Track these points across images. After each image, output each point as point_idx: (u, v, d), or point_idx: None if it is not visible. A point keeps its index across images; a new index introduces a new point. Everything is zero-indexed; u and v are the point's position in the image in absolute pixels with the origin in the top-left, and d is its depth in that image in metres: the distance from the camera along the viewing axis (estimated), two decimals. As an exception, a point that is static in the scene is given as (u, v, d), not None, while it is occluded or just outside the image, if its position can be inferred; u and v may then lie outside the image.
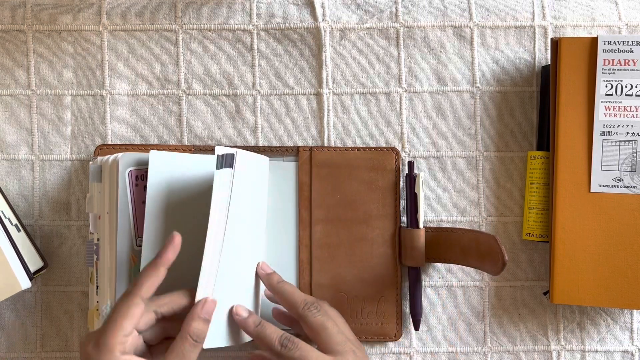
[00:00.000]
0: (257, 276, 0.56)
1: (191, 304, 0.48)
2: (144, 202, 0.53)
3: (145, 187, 0.53)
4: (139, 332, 0.47)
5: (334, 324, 0.51)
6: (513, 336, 0.61)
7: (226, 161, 0.50)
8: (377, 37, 0.62)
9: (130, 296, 0.46)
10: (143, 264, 0.52)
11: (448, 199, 0.61)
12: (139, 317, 0.46)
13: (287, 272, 0.58)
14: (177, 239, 0.48)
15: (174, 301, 0.48)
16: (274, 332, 0.50)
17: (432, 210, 0.61)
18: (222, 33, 0.62)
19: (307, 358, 0.48)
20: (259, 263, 0.54)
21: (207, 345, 0.49)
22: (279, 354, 0.49)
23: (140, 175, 0.53)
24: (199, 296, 0.48)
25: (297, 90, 0.62)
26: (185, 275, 0.52)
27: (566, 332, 0.61)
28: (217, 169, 0.49)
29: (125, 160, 0.53)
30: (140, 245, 0.52)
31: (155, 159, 0.52)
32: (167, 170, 0.53)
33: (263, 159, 0.57)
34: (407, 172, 0.60)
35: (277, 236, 0.59)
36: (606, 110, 0.57)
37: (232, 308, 0.52)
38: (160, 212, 0.53)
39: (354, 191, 0.59)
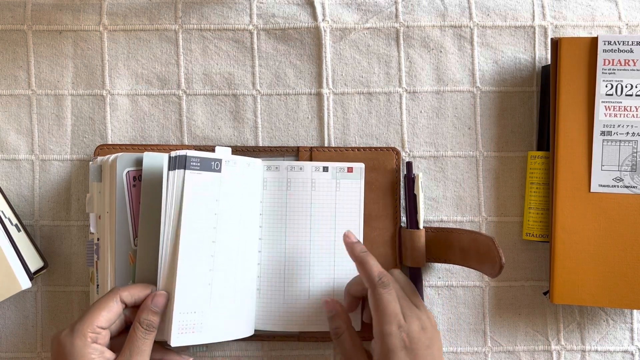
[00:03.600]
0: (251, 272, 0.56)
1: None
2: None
3: None
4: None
5: (395, 305, 0.51)
6: (513, 336, 0.61)
7: (179, 163, 0.51)
8: (377, 37, 0.62)
9: (110, 294, 0.50)
10: (139, 263, 0.52)
11: (448, 199, 0.61)
12: (115, 314, 0.49)
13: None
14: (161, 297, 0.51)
15: (134, 293, 0.50)
16: (376, 265, 0.52)
17: (432, 210, 0.61)
18: (222, 33, 0.62)
19: (387, 303, 0.50)
20: (345, 231, 0.55)
21: (201, 340, 0.50)
22: (373, 286, 0.51)
23: (138, 176, 0.53)
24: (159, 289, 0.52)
25: (297, 90, 0.62)
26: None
27: (566, 332, 0.61)
28: (169, 170, 0.51)
29: (123, 161, 0.53)
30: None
31: (149, 160, 0.53)
32: (160, 171, 0.53)
33: (252, 161, 0.57)
34: (405, 172, 0.60)
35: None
36: (606, 110, 0.57)
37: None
38: (155, 212, 0.53)
39: (354, 191, 0.59)
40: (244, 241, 0.56)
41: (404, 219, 0.60)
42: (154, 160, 0.53)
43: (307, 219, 0.57)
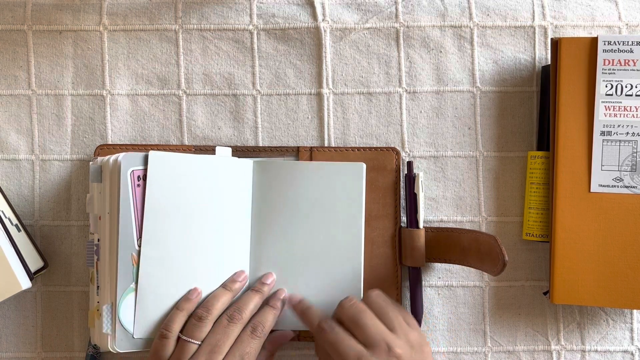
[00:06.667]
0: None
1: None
2: None
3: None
4: None
5: (346, 343, 0.50)
6: (513, 336, 0.61)
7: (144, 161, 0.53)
8: (377, 37, 0.62)
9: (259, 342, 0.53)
10: (142, 264, 0.52)
11: (448, 199, 0.61)
12: None
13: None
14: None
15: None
16: (316, 314, 0.54)
17: (432, 210, 0.61)
18: (222, 33, 0.62)
19: (339, 343, 0.50)
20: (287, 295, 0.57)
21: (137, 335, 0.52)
22: (316, 333, 0.52)
23: (143, 175, 0.53)
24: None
25: (297, 90, 0.62)
26: (188, 272, 0.54)
27: (566, 332, 0.61)
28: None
29: (127, 160, 0.53)
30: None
31: (155, 159, 0.53)
32: (166, 170, 0.53)
33: (237, 162, 0.57)
34: (406, 172, 0.60)
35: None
36: (606, 110, 0.57)
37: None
38: (160, 212, 0.53)
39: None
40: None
41: (404, 219, 0.60)
42: (161, 159, 0.53)
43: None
